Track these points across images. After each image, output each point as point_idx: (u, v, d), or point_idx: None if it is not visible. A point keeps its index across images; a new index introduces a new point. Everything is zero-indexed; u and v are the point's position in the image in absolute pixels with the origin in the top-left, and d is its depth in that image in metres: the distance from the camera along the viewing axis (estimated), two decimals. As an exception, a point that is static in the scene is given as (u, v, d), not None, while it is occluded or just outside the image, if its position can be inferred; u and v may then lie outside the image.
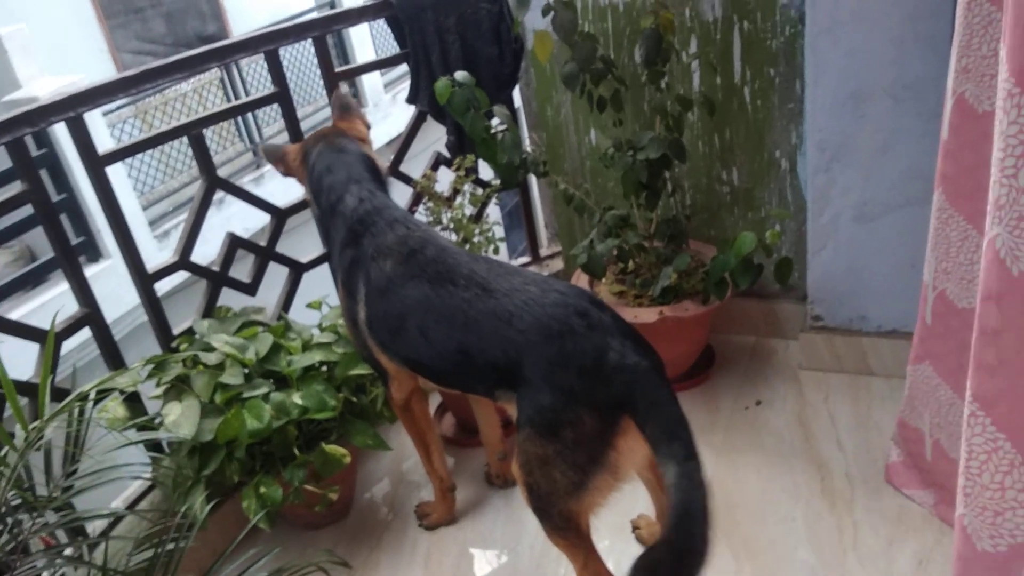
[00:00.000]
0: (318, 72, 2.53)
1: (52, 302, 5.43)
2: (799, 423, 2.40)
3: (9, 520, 1.32)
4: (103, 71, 6.94)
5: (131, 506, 2.11)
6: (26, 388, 1.83)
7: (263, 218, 2.52)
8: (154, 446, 2.10)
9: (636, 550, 2.05)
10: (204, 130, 2.26)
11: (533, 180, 3.12)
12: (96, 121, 5.70)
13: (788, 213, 2.50)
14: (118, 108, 6.64)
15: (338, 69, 2.49)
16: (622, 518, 2.09)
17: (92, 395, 1.45)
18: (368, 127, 2.21)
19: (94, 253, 5.83)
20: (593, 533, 1.74)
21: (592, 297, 1.71)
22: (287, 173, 2.18)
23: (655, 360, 1.63)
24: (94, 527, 2.01)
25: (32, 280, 5.64)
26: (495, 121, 2.35)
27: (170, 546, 1.41)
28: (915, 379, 1.98)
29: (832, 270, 2.43)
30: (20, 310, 5.32)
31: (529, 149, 2.48)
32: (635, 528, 2.11)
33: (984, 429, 1.31)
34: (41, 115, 1.86)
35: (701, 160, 2.60)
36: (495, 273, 1.78)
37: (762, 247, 2.20)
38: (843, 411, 2.41)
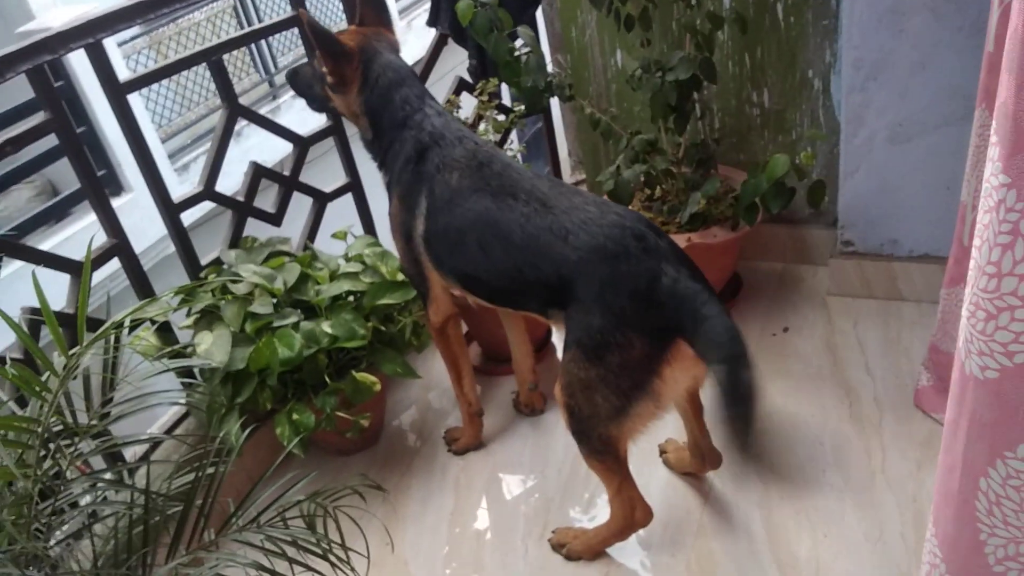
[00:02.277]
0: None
1: (75, 236, 5.47)
2: (827, 349, 2.39)
3: (51, 446, 1.34)
4: (117, 3, 6.83)
5: (167, 432, 2.16)
6: (62, 318, 1.85)
7: (282, 151, 2.49)
8: (187, 375, 2.13)
9: (664, 474, 2.09)
10: (222, 58, 2.22)
11: (555, 107, 3.06)
12: (112, 52, 5.65)
13: (823, 135, 2.44)
14: (132, 39, 6.56)
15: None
16: (650, 443, 2.11)
17: (127, 324, 1.46)
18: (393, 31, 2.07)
19: (116, 187, 5.85)
20: (625, 457, 1.76)
21: (649, 222, 1.69)
22: (336, 71, 1.91)
23: (709, 287, 1.62)
24: (133, 453, 2.06)
25: (55, 214, 5.68)
26: (518, 43, 2.28)
27: (210, 470, 1.44)
28: (948, 302, 1.96)
29: (864, 193, 2.38)
30: (43, 245, 5.36)
31: (553, 72, 2.42)
32: (662, 452, 2.13)
33: None
34: (61, 41, 1.82)
35: (731, 81, 2.53)
36: (557, 191, 1.76)
37: (795, 169, 2.15)
38: (872, 337, 2.40)
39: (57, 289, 1.96)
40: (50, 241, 5.41)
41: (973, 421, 0.99)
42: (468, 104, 2.55)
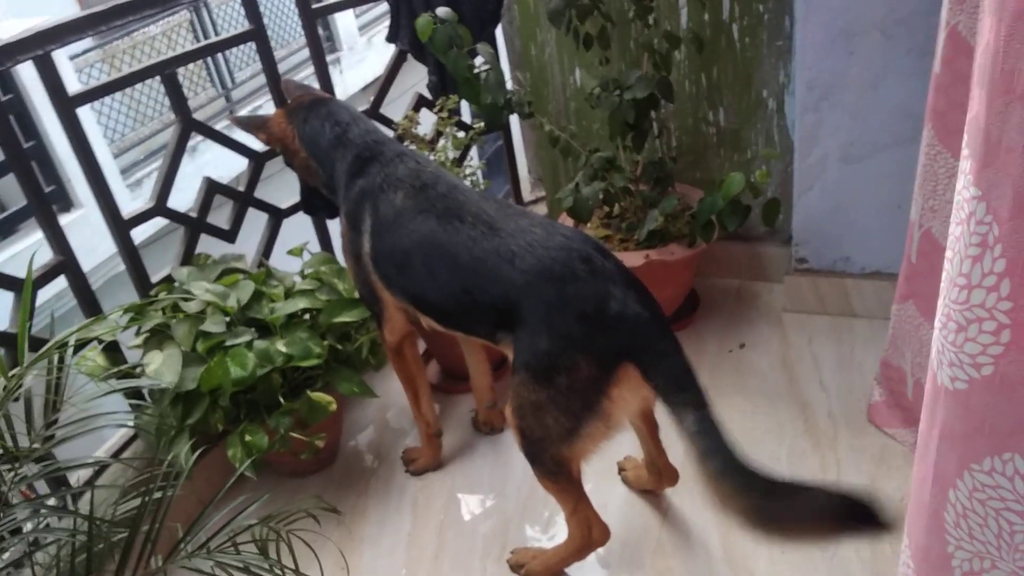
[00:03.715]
0: (292, 13, 2.45)
1: (21, 254, 5.32)
2: (783, 365, 2.42)
3: (-10, 471, 1.29)
4: (68, 15, 6.70)
5: (114, 455, 2.09)
6: (3, 339, 1.79)
7: (237, 167, 2.45)
8: (135, 396, 2.07)
9: (622, 492, 2.08)
10: (176, 72, 2.18)
11: (515, 125, 3.07)
12: (63, 65, 5.53)
13: (777, 153, 2.48)
14: (85, 52, 6.44)
15: (315, 5, 2.40)
16: (608, 461, 2.10)
17: (72, 343, 1.41)
18: None
19: (65, 203, 5.72)
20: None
21: (597, 244, 1.69)
22: (270, 141, 2.13)
23: (657, 312, 1.62)
24: (77, 478, 1.99)
25: (2, 230, 5.53)
26: (478, 60, 2.28)
27: (157, 495, 1.39)
28: (899, 318, 1.99)
29: (818, 212, 2.42)
30: (-9, 262, 5.22)
31: (513, 89, 2.43)
32: (621, 470, 2.12)
33: None
34: (7, 53, 1.77)
35: (688, 100, 2.56)
36: (503, 213, 1.75)
37: (750, 187, 2.18)
38: (826, 353, 2.43)
39: (1, 309, 1.90)
40: (-3, 258, 5.27)
41: (944, 432, 1.00)
42: (428, 121, 2.55)
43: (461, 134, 2.54)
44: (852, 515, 1.30)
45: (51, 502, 1.49)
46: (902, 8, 2.04)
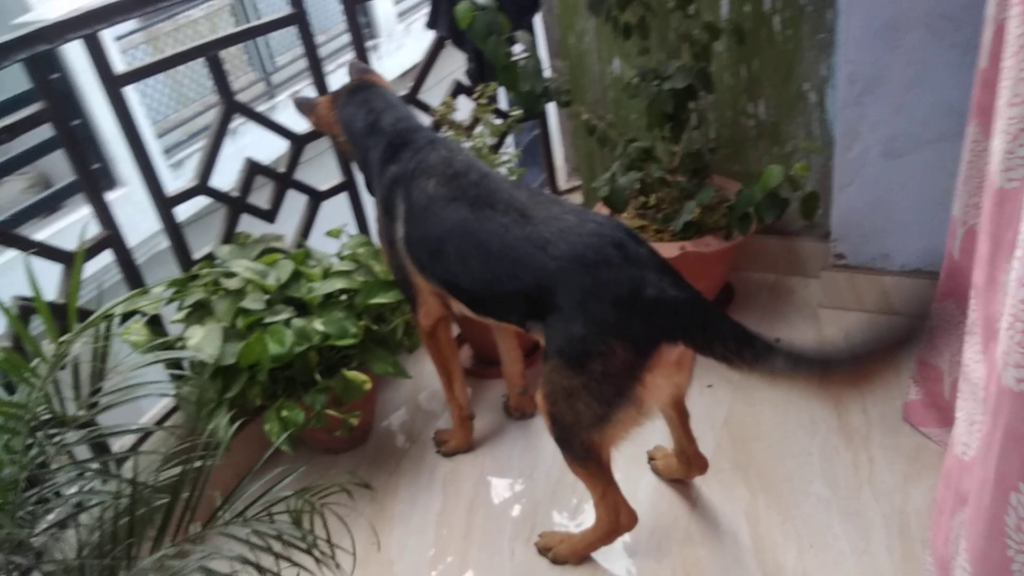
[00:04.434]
0: (333, 2, 2.47)
1: (67, 229, 5.44)
2: (817, 360, 2.40)
3: (38, 434, 1.34)
4: (113, -4, 6.82)
5: (156, 424, 2.15)
6: (53, 309, 1.84)
7: (276, 150, 2.49)
8: (177, 368, 2.12)
9: (651, 480, 2.09)
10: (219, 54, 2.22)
11: (552, 113, 3.07)
12: (109, 45, 5.64)
13: (817, 147, 2.45)
14: (129, 34, 6.55)
15: (358, -10, 2.43)
16: (638, 449, 2.11)
17: (117, 314, 1.45)
18: None
19: (109, 181, 5.84)
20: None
21: (630, 230, 1.69)
22: (318, 124, 2.20)
23: (696, 293, 1.62)
24: (120, 444, 2.05)
25: (48, 206, 5.66)
26: (517, 48, 2.29)
27: (197, 463, 1.43)
28: (938, 317, 1.97)
29: (857, 207, 2.40)
30: (35, 237, 5.34)
31: (551, 77, 2.43)
32: (651, 459, 2.13)
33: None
34: (57, 32, 1.82)
35: (727, 92, 2.54)
36: (535, 201, 1.76)
37: (789, 180, 2.16)
38: (862, 349, 2.40)
39: (47, 282, 1.95)
40: (42, 234, 5.38)
41: (1007, 434, 0.98)
42: (465, 108, 2.56)
43: (498, 121, 2.55)
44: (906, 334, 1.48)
45: (94, 466, 1.54)
46: (948, 2, 2.01)
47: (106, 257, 2.08)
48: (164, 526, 1.37)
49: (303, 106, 2.19)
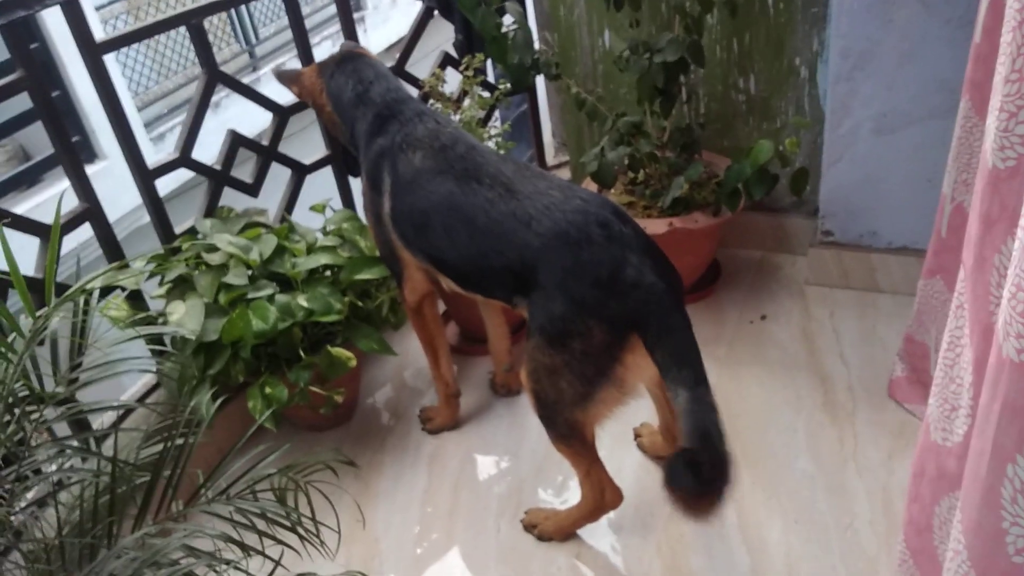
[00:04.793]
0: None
1: (46, 203, 5.36)
2: (803, 337, 2.40)
3: (16, 411, 1.31)
4: (94, -37, 6.67)
5: (138, 401, 2.12)
6: (30, 283, 1.80)
7: (260, 123, 2.44)
8: (158, 344, 2.09)
9: (637, 457, 2.09)
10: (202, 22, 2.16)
11: (541, 87, 3.03)
12: (89, 14, 5.53)
13: (807, 122, 2.44)
14: (110, 3, 6.43)
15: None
16: (623, 426, 2.10)
17: (97, 288, 1.42)
18: None
19: (89, 154, 5.74)
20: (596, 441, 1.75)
21: (616, 208, 1.67)
22: (302, 94, 2.16)
23: (673, 281, 1.61)
24: (101, 422, 2.02)
25: (27, 180, 5.57)
26: (506, 19, 2.25)
27: (179, 441, 1.41)
28: (925, 294, 1.97)
29: (846, 183, 2.39)
30: (14, 211, 5.26)
31: (540, 50, 2.39)
32: (637, 436, 2.13)
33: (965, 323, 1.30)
34: (34, -2, 1.77)
35: (718, 66, 2.51)
36: (521, 175, 1.74)
37: (779, 156, 2.15)
38: (848, 327, 2.41)
39: (25, 257, 1.91)
40: (21, 207, 5.29)
41: (1006, 405, 0.97)
42: (453, 79, 2.52)
43: (486, 94, 2.52)
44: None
45: (74, 444, 1.51)
46: (943, -24, 1.99)
47: (86, 231, 2.04)
48: (146, 504, 1.35)
49: (285, 76, 2.16)
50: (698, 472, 1.45)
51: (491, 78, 2.83)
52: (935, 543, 1.41)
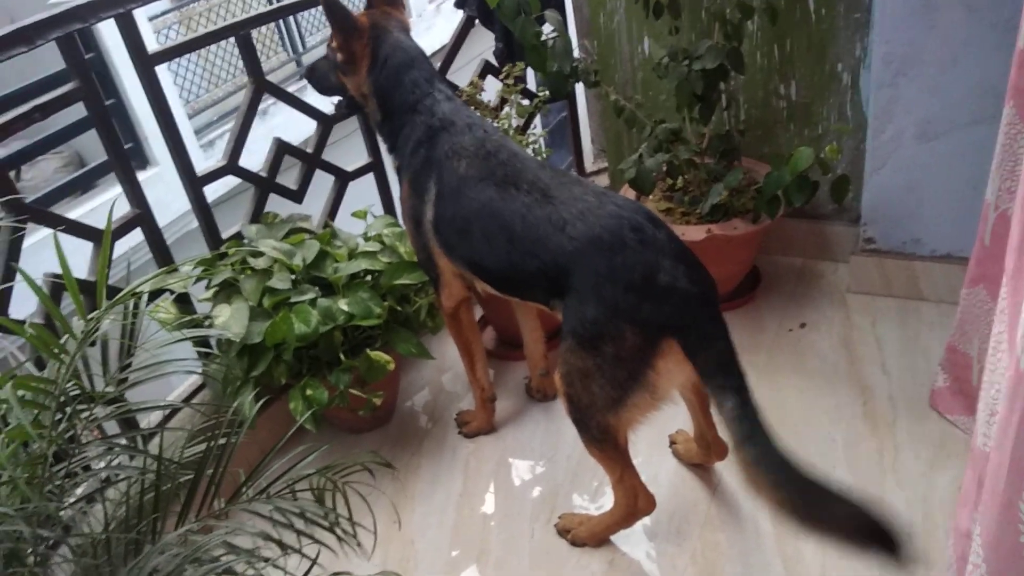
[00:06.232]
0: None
1: (100, 208, 5.52)
2: (844, 346, 2.37)
3: (67, 409, 1.36)
4: (147, -24, 6.86)
5: (183, 401, 2.18)
6: (83, 286, 1.87)
7: (305, 131, 2.49)
8: (204, 346, 2.15)
9: (672, 464, 2.09)
10: (250, 33, 2.22)
11: (580, 94, 3.04)
12: (142, 25, 5.69)
13: (849, 128, 2.41)
14: (163, 14, 6.59)
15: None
16: (659, 433, 2.10)
17: (146, 291, 1.47)
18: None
19: (141, 160, 5.89)
20: (630, 447, 1.76)
21: (650, 214, 1.68)
22: (345, 47, 1.96)
23: (707, 287, 1.61)
24: (148, 421, 2.08)
25: (82, 185, 5.73)
26: (546, 28, 2.27)
27: (222, 440, 1.45)
28: (968, 303, 1.93)
29: (889, 190, 2.36)
30: (69, 216, 5.42)
31: (579, 58, 2.41)
32: (672, 443, 2.12)
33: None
34: (91, 10, 1.84)
35: (758, 72, 2.50)
36: (558, 181, 1.76)
37: (819, 163, 2.13)
38: (890, 336, 2.37)
39: (80, 260, 1.98)
40: (75, 212, 5.45)
41: None
42: (492, 88, 2.55)
43: (526, 102, 2.54)
44: (872, 537, 1.33)
45: (122, 442, 1.57)
46: (988, -20, 1.96)
47: (137, 236, 2.11)
48: (189, 502, 1.40)
49: (339, 14, 1.92)
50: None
51: (532, 85, 2.85)
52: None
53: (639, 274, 1.57)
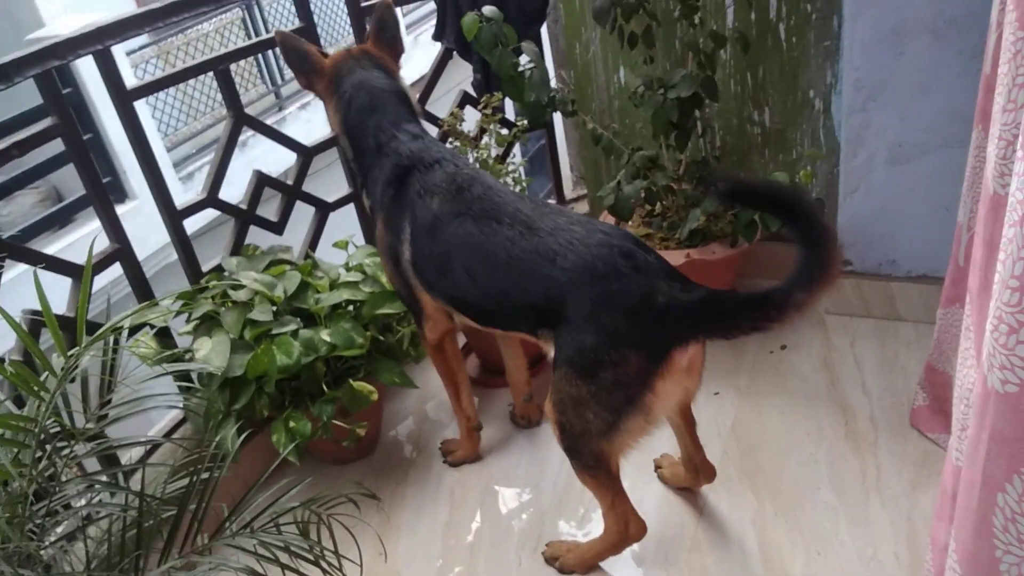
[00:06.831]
0: (340, 11, 2.50)
1: (78, 243, 5.48)
2: (824, 367, 2.40)
3: (48, 447, 1.35)
4: (126, 11, 6.89)
5: (164, 436, 2.16)
6: (62, 322, 1.86)
7: (285, 162, 2.50)
8: (185, 380, 2.14)
9: (658, 489, 2.09)
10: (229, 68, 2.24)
11: (558, 123, 3.08)
12: (121, 60, 5.69)
13: (822, 154, 2.45)
14: (141, 48, 6.61)
15: (364, 3, 2.45)
16: (645, 458, 2.11)
17: (126, 326, 1.47)
18: (401, 51, 2.11)
19: (120, 194, 5.86)
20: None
21: (636, 239, 1.70)
22: (309, 87, 2.03)
23: (705, 292, 1.62)
24: (129, 457, 2.06)
25: (59, 220, 5.69)
26: (523, 59, 2.30)
27: (204, 475, 1.44)
28: (945, 322, 1.96)
29: (864, 213, 2.40)
30: (47, 251, 5.36)
31: (556, 88, 2.44)
32: (657, 467, 2.13)
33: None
34: (69, 47, 1.84)
35: (732, 100, 2.54)
36: (540, 212, 1.76)
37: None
38: (869, 356, 2.40)
39: (58, 295, 1.97)
40: (53, 247, 5.41)
41: (993, 435, 0.99)
42: (472, 118, 2.57)
43: (505, 131, 2.57)
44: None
45: (103, 479, 1.55)
46: (952, 8, 2.01)
47: (116, 270, 2.09)
48: (172, 538, 1.38)
49: (294, 53, 1.98)
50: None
51: (510, 115, 2.88)
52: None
53: (637, 298, 1.58)
